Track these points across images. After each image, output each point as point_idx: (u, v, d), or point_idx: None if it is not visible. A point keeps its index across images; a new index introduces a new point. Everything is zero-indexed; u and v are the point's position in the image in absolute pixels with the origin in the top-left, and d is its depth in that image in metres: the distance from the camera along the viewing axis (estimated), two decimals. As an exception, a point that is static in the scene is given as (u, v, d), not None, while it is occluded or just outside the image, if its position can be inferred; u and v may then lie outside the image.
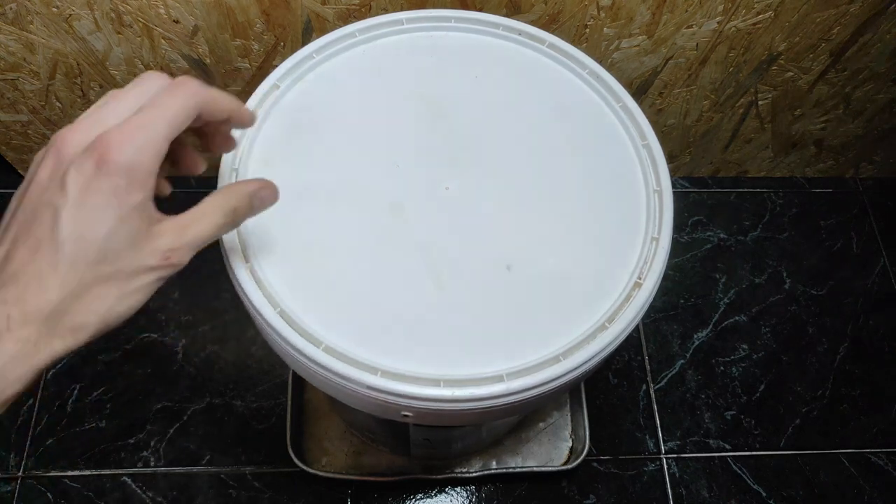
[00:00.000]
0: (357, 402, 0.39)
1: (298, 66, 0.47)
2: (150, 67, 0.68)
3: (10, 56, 0.66)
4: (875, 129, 0.85)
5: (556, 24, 0.64)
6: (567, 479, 0.74)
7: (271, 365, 0.78)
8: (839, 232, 0.92)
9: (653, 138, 0.46)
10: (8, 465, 0.71)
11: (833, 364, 0.83)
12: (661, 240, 0.42)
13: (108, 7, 0.61)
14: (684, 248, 0.89)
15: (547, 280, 0.41)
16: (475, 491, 0.73)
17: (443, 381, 0.36)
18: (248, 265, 0.39)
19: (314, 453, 0.73)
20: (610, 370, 0.81)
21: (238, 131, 0.44)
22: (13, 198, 0.27)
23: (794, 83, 0.75)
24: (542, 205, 0.43)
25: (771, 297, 0.87)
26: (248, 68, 0.69)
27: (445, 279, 0.40)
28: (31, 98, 0.72)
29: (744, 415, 0.79)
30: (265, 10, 0.62)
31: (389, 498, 0.72)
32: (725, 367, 0.82)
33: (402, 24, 0.50)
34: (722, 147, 0.87)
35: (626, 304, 0.40)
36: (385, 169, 0.44)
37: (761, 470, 0.77)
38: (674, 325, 0.84)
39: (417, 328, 0.38)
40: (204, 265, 0.64)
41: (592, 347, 0.38)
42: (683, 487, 0.75)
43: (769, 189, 0.94)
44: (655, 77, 0.72)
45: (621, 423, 0.78)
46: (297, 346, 0.37)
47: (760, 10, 0.63)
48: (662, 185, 0.44)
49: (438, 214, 0.43)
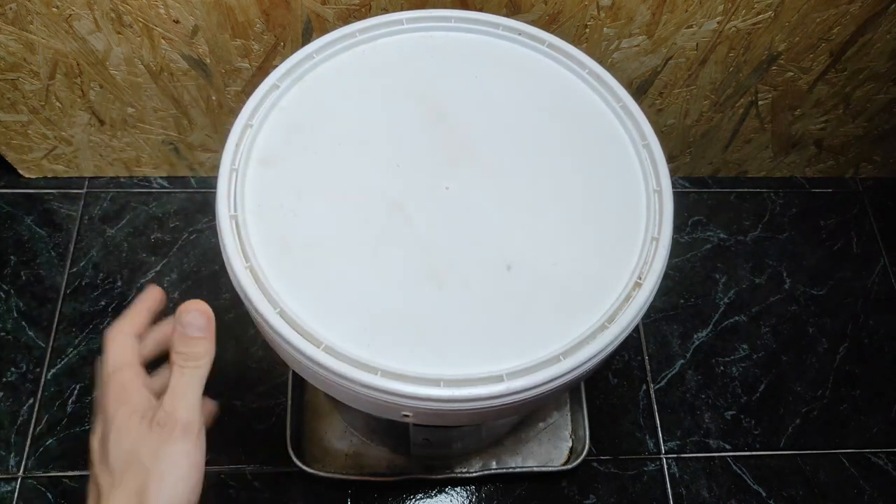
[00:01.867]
0: (357, 402, 0.39)
1: (298, 66, 0.47)
2: (151, 67, 0.68)
3: (10, 56, 0.66)
4: (875, 129, 0.85)
5: (556, 24, 0.64)
6: (567, 479, 0.74)
7: (271, 365, 0.78)
8: (839, 232, 0.92)
9: (653, 138, 0.46)
10: (8, 465, 0.71)
11: (833, 364, 0.83)
12: (661, 240, 0.42)
13: (108, 7, 0.61)
14: (684, 248, 0.89)
15: (547, 280, 0.41)
16: (475, 491, 0.73)
17: (443, 381, 0.36)
18: (248, 265, 0.39)
19: (314, 453, 0.73)
20: (610, 370, 0.81)
21: (237, 130, 0.44)
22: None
23: (794, 83, 0.75)
24: (541, 205, 0.43)
25: (771, 297, 0.87)
26: (248, 68, 0.69)
27: (445, 279, 0.40)
28: (31, 98, 0.72)
29: (744, 415, 0.79)
30: (265, 10, 0.62)
31: (389, 498, 0.72)
32: (725, 367, 0.82)
33: (402, 24, 0.50)
34: (722, 147, 0.87)
35: (626, 304, 0.40)
36: (385, 169, 0.44)
37: (761, 470, 0.77)
38: (674, 325, 0.84)
39: (417, 328, 0.38)
40: (204, 265, 0.65)
41: (592, 347, 0.38)
42: (683, 487, 0.75)
43: (769, 189, 0.94)
44: (655, 77, 0.72)
45: (621, 423, 0.78)
46: (297, 346, 0.37)
47: (760, 10, 0.63)
48: (662, 185, 0.44)
49: (438, 214, 0.43)
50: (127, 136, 0.80)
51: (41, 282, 0.81)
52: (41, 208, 0.86)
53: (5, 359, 0.77)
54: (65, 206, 0.86)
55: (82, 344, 0.78)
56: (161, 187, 0.88)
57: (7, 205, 0.86)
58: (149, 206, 0.87)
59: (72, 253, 0.83)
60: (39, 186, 0.87)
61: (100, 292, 0.81)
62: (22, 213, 0.85)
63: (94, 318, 0.79)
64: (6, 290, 0.80)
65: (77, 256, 0.83)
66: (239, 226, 0.40)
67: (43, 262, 0.82)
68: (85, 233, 0.84)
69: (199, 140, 0.81)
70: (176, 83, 0.71)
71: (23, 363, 0.76)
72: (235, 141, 0.43)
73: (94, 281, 0.81)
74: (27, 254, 0.83)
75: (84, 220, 0.85)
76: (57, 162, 0.85)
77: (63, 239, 0.84)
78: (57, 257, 0.83)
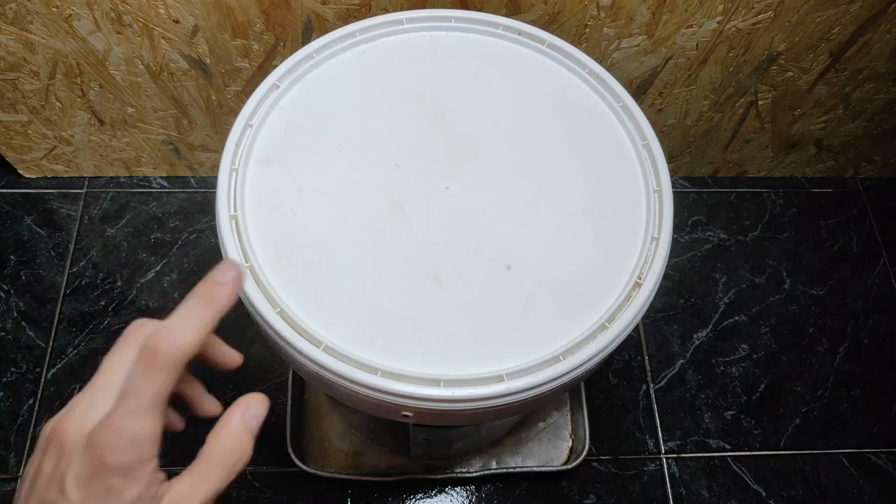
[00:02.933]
0: (357, 402, 0.39)
1: (298, 65, 0.47)
2: (151, 67, 0.68)
3: (10, 56, 0.66)
4: (875, 129, 0.85)
5: (556, 24, 0.64)
6: (567, 479, 0.74)
7: (271, 365, 0.78)
8: (839, 232, 0.92)
9: (653, 138, 0.45)
10: (8, 465, 0.71)
11: (833, 364, 0.83)
12: (661, 240, 0.42)
13: (108, 7, 0.61)
14: (684, 248, 0.89)
15: (547, 280, 0.41)
16: (475, 491, 0.73)
17: (443, 381, 0.36)
18: (247, 265, 0.39)
19: (314, 453, 0.73)
20: (610, 370, 0.81)
21: (237, 130, 0.44)
22: (23, 476, 0.28)
23: (794, 83, 0.75)
24: (541, 205, 0.43)
25: (771, 297, 0.87)
26: (248, 68, 0.69)
27: (445, 279, 0.40)
28: (31, 98, 0.72)
29: (744, 415, 0.79)
30: (265, 10, 0.62)
31: (389, 498, 0.72)
32: (725, 367, 0.82)
33: (402, 24, 0.50)
34: (722, 147, 0.87)
35: (626, 304, 0.40)
36: (385, 169, 0.44)
37: (761, 470, 0.77)
38: (674, 325, 0.84)
39: (417, 328, 0.38)
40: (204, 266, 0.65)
41: (592, 347, 0.38)
42: (683, 487, 0.75)
43: (769, 189, 0.94)
44: (655, 77, 0.72)
45: (621, 423, 0.78)
46: (297, 346, 0.37)
47: (760, 10, 0.63)
48: (662, 185, 0.44)
49: (438, 214, 0.43)
50: (127, 136, 0.80)
51: (41, 282, 0.81)
52: (41, 208, 0.86)
53: (5, 359, 0.77)
54: (65, 206, 0.86)
55: (82, 344, 0.78)
56: (161, 187, 0.88)
57: (7, 205, 0.86)
58: (149, 206, 0.87)
59: (72, 253, 0.83)
60: (39, 186, 0.87)
61: (100, 292, 0.81)
62: (22, 213, 0.85)
63: (94, 318, 0.79)
64: (6, 290, 0.80)
65: (77, 256, 0.83)
66: (239, 226, 0.40)
67: (43, 262, 0.82)
68: (85, 233, 0.84)
69: (198, 140, 0.81)
70: (176, 83, 0.71)
71: (23, 363, 0.76)
72: (235, 141, 0.43)
73: (94, 281, 0.81)
74: (27, 254, 0.83)
75: (84, 220, 0.85)
76: (57, 162, 0.85)
77: (63, 239, 0.84)
78: (57, 257, 0.83)
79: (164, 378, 0.27)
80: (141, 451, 0.26)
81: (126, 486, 0.25)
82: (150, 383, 0.26)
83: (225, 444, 0.29)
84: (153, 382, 0.26)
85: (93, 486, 0.25)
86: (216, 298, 0.29)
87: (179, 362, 0.27)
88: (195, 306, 0.29)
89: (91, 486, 0.25)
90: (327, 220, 0.42)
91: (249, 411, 0.30)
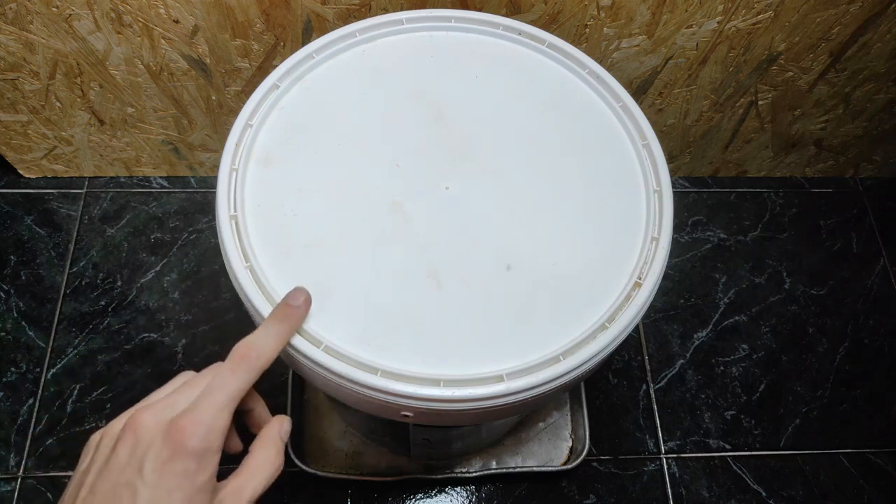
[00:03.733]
0: (357, 402, 0.39)
1: (298, 65, 0.47)
2: (151, 67, 0.68)
3: (10, 56, 0.66)
4: (875, 129, 0.85)
5: (556, 24, 0.64)
6: (567, 479, 0.74)
7: (271, 365, 0.78)
8: (839, 232, 0.92)
9: (653, 138, 0.46)
10: (8, 465, 0.71)
11: (833, 364, 0.83)
12: (661, 240, 0.42)
13: (108, 7, 0.61)
14: (684, 248, 0.89)
15: (547, 280, 0.41)
16: (475, 491, 0.73)
17: (443, 381, 0.36)
18: (248, 265, 0.39)
19: (314, 453, 0.73)
20: (610, 370, 0.81)
21: (237, 130, 0.44)
22: (84, 460, 0.31)
23: (794, 83, 0.75)
24: (541, 205, 0.43)
25: (771, 297, 0.87)
26: (248, 68, 0.69)
27: (445, 279, 0.40)
28: (31, 98, 0.72)
29: (744, 415, 0.79)
30: (265, 10, 0.62)
31: (389, 498, 0.72)
32: (725, 367, 0.82)
33: (402, 24, 0.50)
34: (722, 147, 0.87)
35: (626, 304, 0.40)
36: (385, 169, 0.44)
37: (761, 470, 0.77)
38: (674, 325, 0.84)
39: (417, 328, 0.38)
40: (204, 265, 0.65)
41: (592, 347, 0.38)
42: (683, 487, 0.75)
43: (769, 189, 0.94)
44: (655, 77, 0.72)
45: (621, 423, 0.78)
46: (297, 346, 0.37)
47: (760, 10, 0.63)
48: (662, 185, 0.44)
49: (438, 214, 0.43)
50: (127, 136, 0.80)
51: (41, 282, 0.81)
52: (41, 208, 0.86)
53: (5, 359, 0.77)
54: (65, 206, 0.86)
55: (82, 344, 0.78)
56: (161, 187, 0.88)
57: (7, 205, 0.86)
58: (149, 205, 0.87)
59: (72, 253, 0.83)
60: (39, 186, 0.87)
61: (100, 292, 0.81)
62: (22, 213, 0.85)
63: (94, 318, 0.79)
64: (6, 290, 0.80)
65: (77, 256, 0.83)
66: (239, 226, 0.40)
67: (43, 262, 0.82)
68: (85, 233, 0.84)
69: (198, 140, 0.81)
70: (176, 83, 0.71)
71: (23, 363, 0.76)
72: (235, 141, 0.43)
73: (94, 281, 0.82)
74: (27, 254, 0.83)
75: (84, 220, 0.85)
76: (57, 162, 0.85)
77: (63, 239, 0.84)
78: (57, 257, 0.83)
79: (247, 378, 0.32)
80: (215, 441, 0.30)
81: (198, 471, 0.29)
82: (235, 380, 0.31)
83: (269, 451, 0.34)
84: (237, 380, 0.31)
85: (169, 468, 0.28)
86: (291, 318, 0.36)
87: (262, 367, 0.33)
88: (275, 323, 0.35)
89: (167, 468, 0.28)
90: (327, 220, 0.42)
91: (283, 427, 0.35)
